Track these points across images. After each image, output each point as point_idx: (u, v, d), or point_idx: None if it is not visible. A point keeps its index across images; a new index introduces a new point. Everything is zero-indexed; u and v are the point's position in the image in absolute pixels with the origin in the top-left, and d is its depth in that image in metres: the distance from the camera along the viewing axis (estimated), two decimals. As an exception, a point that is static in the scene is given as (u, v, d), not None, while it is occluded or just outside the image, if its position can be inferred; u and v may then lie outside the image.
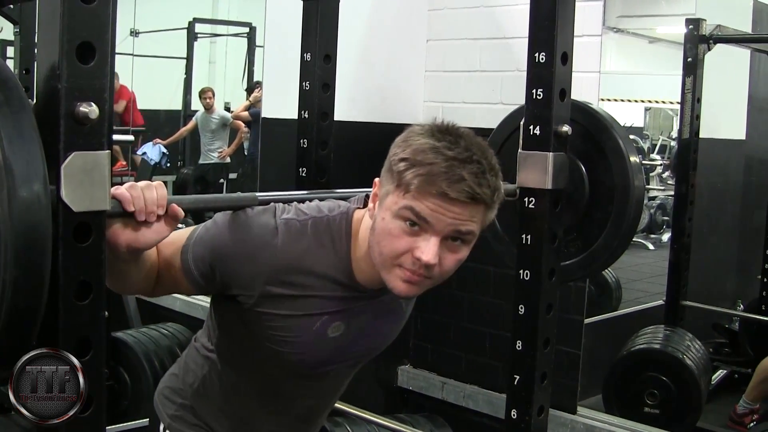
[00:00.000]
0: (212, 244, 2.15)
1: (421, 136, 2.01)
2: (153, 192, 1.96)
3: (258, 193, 2.30)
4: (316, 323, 2.20)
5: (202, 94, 10.98)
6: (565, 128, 3.08)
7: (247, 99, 10.77)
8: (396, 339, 2.50)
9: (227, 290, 2.18)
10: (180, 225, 2.11)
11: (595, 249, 3.39)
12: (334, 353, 2.30)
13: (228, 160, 10.75)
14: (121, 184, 1.99)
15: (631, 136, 14.06)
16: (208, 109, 10.83)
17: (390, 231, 2.01)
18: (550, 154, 3.07)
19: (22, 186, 1.71)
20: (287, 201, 2.28)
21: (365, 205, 2.24)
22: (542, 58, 3.05)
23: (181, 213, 2.02)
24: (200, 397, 2.44)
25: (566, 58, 3.08)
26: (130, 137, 8.81)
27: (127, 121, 9.77)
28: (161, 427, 2.49)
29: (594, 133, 3.34)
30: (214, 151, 10.72)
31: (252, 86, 10.56)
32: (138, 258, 2.06)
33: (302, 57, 3.54)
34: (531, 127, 3.11)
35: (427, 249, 1.99)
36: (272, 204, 2.23)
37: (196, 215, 4.99)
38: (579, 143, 3.29)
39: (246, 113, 10.53)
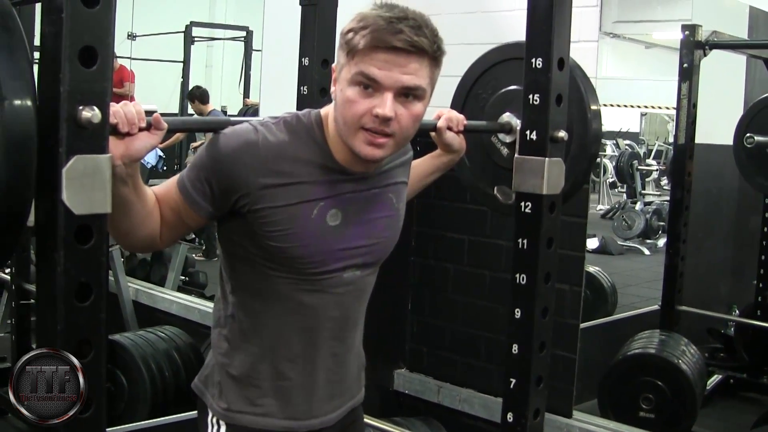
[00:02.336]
0: (201, 162, 2.29)
1: (365, 13, 2.23)
2: (131, 107, 2.07)
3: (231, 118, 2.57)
4: (313, 210, 2.32)
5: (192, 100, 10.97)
6: (562, 134, 3.10)
7: (243, 104, 10.78)
8: (391, 343, 2.55)
9: (227, 200, 2.28)
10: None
11: None
12: (338, 244, 2.38)
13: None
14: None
15: (627, 142, 14.11)
16: (201, 114, 10.81)
17: (348, 98, 2.21)
18: (547, 160, 3.09)
19: (10, 97, 1.79)
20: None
21: None
22: (539, 64, 3.07)
23: (164, 124, 2.16)
24: (241, 357, 2.48)
25: (563, 64, 3.09)
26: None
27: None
28: (210, 418, 2.52)
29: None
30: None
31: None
32: (136, 181, 2.15)
33: (300, 61, 3.54)
34: (527, 132, 3.12)
35: (383, 104, 2.19)
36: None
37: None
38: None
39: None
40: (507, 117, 3.38)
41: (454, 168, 3.27)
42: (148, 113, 2.11)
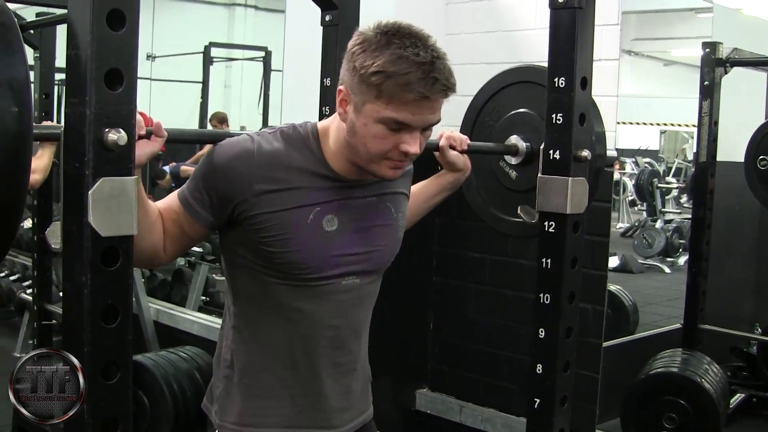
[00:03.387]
0: (201, 173, 2.35)
1: (383, 45, 2.22)
2: None
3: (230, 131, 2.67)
4: (308, 215, 2.37)
5: (210, 120, 11.00)
6: (585, 153, 3.09)
7: (263, 123, 10.77)
8: (413, 363, 2.55)
9: (225, 209, 2.33)
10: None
11: None
12: (334, 250, 2.42)
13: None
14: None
15: (647, 159, 14.06)
16: None
17: (375, 134, 2.26)
18: (570, 179, 3.08)
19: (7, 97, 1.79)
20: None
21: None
22: (562, 83, 3.07)
23: (164, 132, 2.27)
24: (244, 367, 2.51)
25: (585, 83, 3.09)
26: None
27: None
28: None
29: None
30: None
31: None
32: (139, 192, 2.12)
33: (322, 82, 3.54)
34: (551, 151, 3.12)
35: (414, 143, 2.28)
36: None
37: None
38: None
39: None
40: (514, 139, 3.42)
41: (463, 189, 3.32)
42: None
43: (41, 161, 4.98)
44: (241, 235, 2.36)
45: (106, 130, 1.84)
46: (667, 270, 11.76)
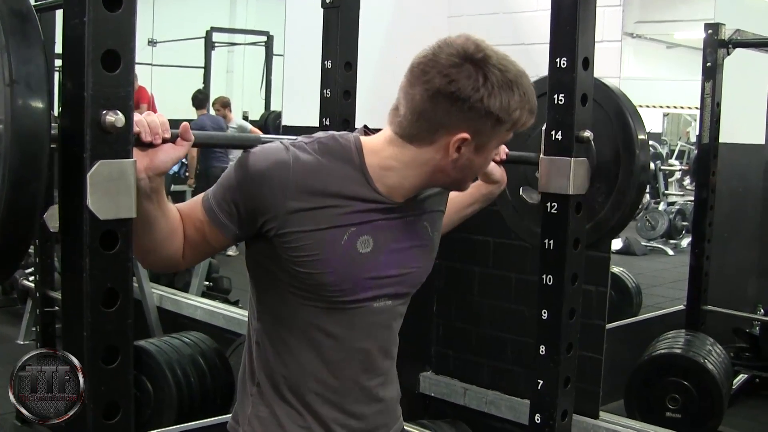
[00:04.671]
0: (229, 181, 2.20)
1: (490, 73, 2.11)
2: (154, 117, 2.04)
3: (261, 136, 2.48)
4: (343, 236, 2.22)
5: (213, 104, 11.00)
6: (587, 133, 3.08)
7: (265, 108, 10.78)
8: (417, 345, 2.50)
9: (254, 223, 2.20)
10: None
11: (600, 219, 3.42)
12: (368, 272, 2.29)
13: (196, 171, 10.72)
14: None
15: (650, 142, 14.03)
16: (224, 118, 10.83)
17: (483, 164, 2.31)
18: (573, 160, 3.07)
19: (25, 122, 1.78)
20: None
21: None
22: (564, 64, 3.06)
23: (191, 136, 2.13)
24: (270, 388, 2.39)
25: (587, 63, 3.08)
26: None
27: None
28: None
29: (606, 109, 3.37)
30: (230, 161, 10.71)
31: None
32: (161, 197, 2.10)
33: (323, 64, 3.53)
34: (553, 132, 3.11)
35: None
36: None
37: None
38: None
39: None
40: None
41: (496, 202, 3.23)
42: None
43: None
44: (270, 250, 2.23)
45: (104, 112, 1.83)
46: (670, 252, 11.76)
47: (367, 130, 2.37)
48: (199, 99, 10.84)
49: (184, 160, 10.52)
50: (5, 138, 1.76)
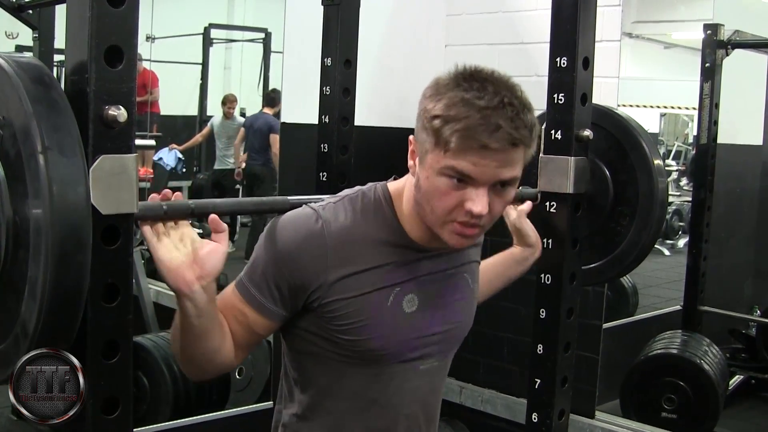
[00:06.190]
0: (265, 264, 2.12)
1: (449, 88, 1.98)
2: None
3: (288, 197, 2.37)
4: (389, 297, 2.14)
5: (226, 102, 10.98)
6: (587, 133, 3.08)
7: (263, 107, 10.78)
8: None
9: (299, 300, 2.12)
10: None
11: (620, 252, 3.40)
12: (414, 332, 2.21)
13: (243, 165, 10.73)
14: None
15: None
16: (228, 116, 10.83)
17: (437, 188, 1.99)
18: (572, 159, 3.08)
19: (64, 190, 1.73)
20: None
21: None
22: (563, 63, 3.06)
23: (223, 226, 2.04)
24: None
25: (587, 63, 3.08)
26: (152, 142, 8.75)
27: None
28: None
29: (617, 136, 3.36)
30: (230, 157, 10.70)
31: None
32: (215, 307, 2.05)
33: (322, 62, 3.53)
34: (552, 131, 3.11)
35: (478, 201, 1.97)
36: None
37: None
38: (603, 146, 3.30)
39: None
40: None
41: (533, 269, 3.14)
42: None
43: None
44: (313, 322, 2.15)
45: (106, 107, 1.83)
46: (667, 252, 11.74)
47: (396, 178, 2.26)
48: (271, 98, 10.82)
49: (180, 156, 10.52)
50: (44, 212, 1.72)
